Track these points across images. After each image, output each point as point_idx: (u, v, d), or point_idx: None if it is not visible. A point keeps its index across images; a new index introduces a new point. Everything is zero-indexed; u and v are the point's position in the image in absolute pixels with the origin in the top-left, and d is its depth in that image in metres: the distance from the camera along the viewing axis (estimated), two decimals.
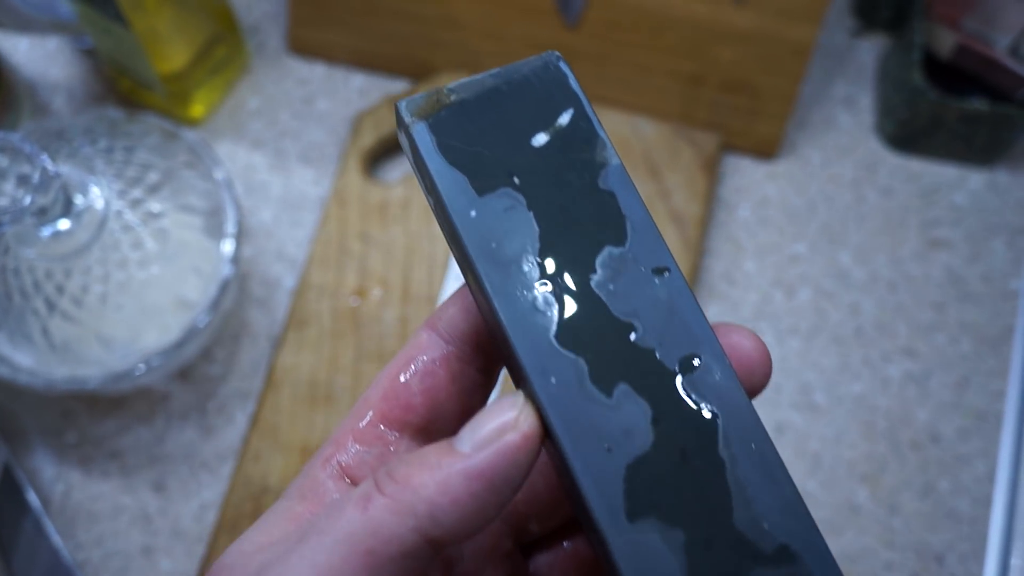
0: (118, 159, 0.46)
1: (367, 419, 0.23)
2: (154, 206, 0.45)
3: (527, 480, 0.20)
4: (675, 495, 0.20)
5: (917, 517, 0.49)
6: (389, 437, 0.23)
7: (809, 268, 0.54)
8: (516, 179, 0.21)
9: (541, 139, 0.22)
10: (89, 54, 0.58)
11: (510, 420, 0.20)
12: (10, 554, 0.47)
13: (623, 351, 0.20)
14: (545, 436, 0.20)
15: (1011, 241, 0.54)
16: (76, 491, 0.49)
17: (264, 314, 0.52)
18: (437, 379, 0.23)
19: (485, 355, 0.23)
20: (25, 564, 0.47)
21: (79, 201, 0.42)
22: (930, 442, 0.50)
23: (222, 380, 0.51)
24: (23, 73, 0.57)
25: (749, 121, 0.55)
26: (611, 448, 0.20)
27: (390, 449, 0.22)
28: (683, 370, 0.20)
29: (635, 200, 0.22)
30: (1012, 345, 0.52)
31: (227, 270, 0.46)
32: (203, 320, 0.45)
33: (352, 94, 0.57)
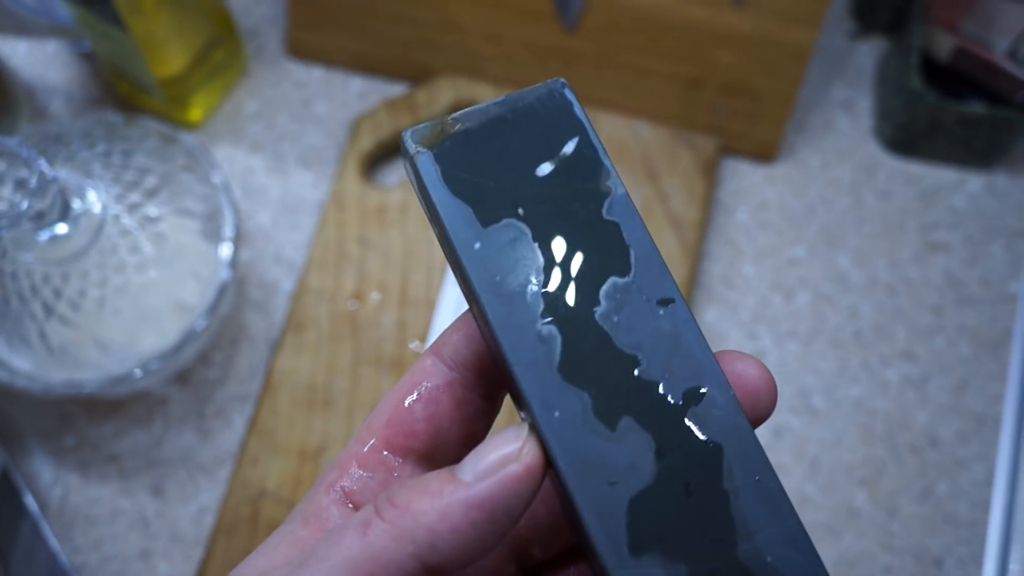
0: (116, 163, 0.46)
1: (370, 444, 0.23)
2: (152, 210, 0.45)
3: (529, 508, 0.20)
4: (678, 528, 0.20)
5: (916, 521, 0.49)
6: (392, 463, 0.23)
7: (808, 271, 0.54)
8: (520, 210, 0.21)
9: (546, 168, 0.22)
10: (87, 58, 0.58)
11: (513, 451, 0.20)
12: (8, 558, 0.47)
13: (627, 384, 0.20)
14: (548, 467, 0.20)
15: (1010, 244, 0.54)
16: (74, 495, 0.49)
17: (262, 318, 0.52)
18: (440, 406, 0.23)
19: (489, 381, 0.23)
20: (23, 568, 0.47)
21: (76, 205, 0.42)
22: (929, 446, 0.50)
23: (220, 384, 0.51)
24: (21, 76, 0.57)
25: (748, 124, 0.55)
26: (614, 482, 0.20)
27: (393, 475, 0.23)
28: (687, 403, 0.20)
29: (640, 229, 0.22)
30: (1011, 348, 0.52)
31: (225, 274, 0.46)
32: (201, 324, 0.45)
33: (351, 97, 0.57)
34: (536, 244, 0.21)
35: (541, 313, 0.21)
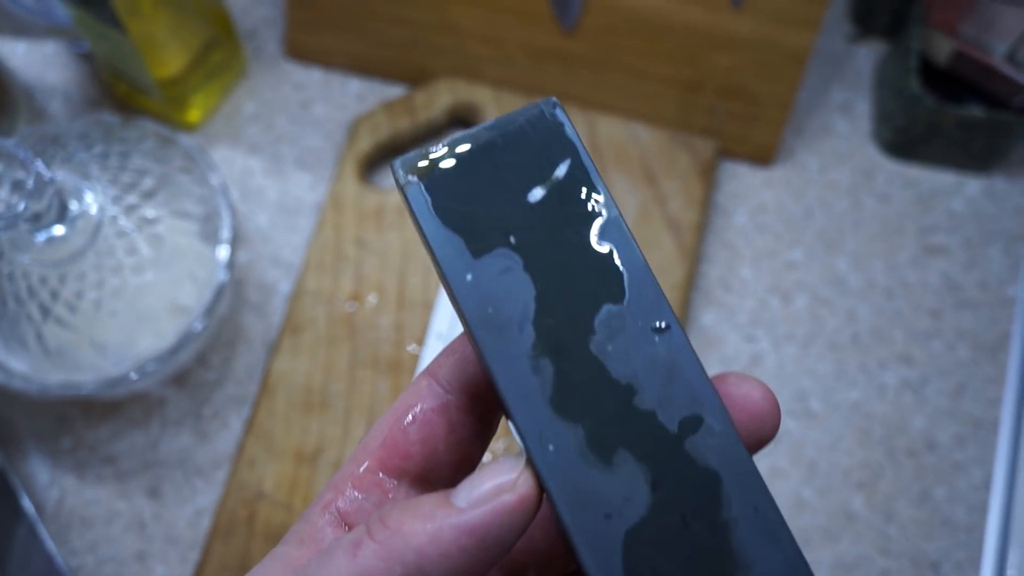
0: (113, 164, 0.46)
1: (366, 465, 0.23)
2: (149, 212, 0.45)
3: (524, 535, 0.20)
4: (674, 561, 0.20)
5: (913, 524, 0.49)
6: (387, 484, 0.23)
7: (806, 275, 0.53)
8: (512, 238, 0.21)
9: (538, 194, 0.22)
10: (86, 58, 0.58)
11: (508, 481, 0.20)
12: (4, 560, 0.47)
13: (622, 414, 0.20)
14: (543, 497, 0.20)
15: (1008, 248, 0.54)
16: (70, 496, 0.49)
17: (259, 319, 0.52)
18: (435, 429, 0.23)
19: (484, 404, 0.23)
20: (19, 570, 0.47)
21: (74, 207, 0.42)
22: (926, 449, 0.50)
23: (217, 385, 0.51)
24: (20, 77, 0.57)
25: (746, 127, 0.55)
26: (610, 514, 0.20)
27: (388, 496, 0.23)
28: (684, 432, 0.20)
29: (633, 253, 0.21)
30: (1008, 352, 0.52)
31: (222, 276, 0.46)
32: (198, 326, 0.45)
33: (349, 99, 0.57)
34: (528, 274, 0.21)
35: (534, 344, 0.20)
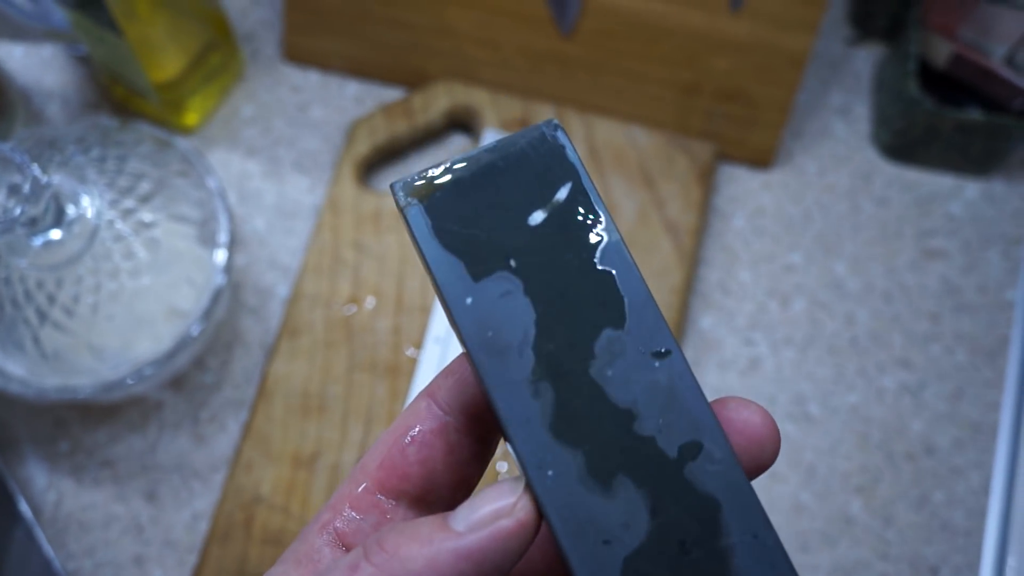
0: (110, 168, 0.46)
1: (364, 486, 0.23)
2: (146, 215, 0.45)
3: (521, 559, 0.20)
4: None
5: (912, 529, 0.49)
6: (385, 505, 0.23)
7: (804, 278, 0.53)
8: (513, 262, 0.21)
9: (538, 217, 0.22)
10: (83, 62, 0.58)
11: (507, 506, 0.20)
12: (1, 564, 0.47)
13: (621, 440, 0.20)
14: (542, 521, 0.20)
15: (1007, 251, 0.54)
16: (68, 500, 0.49)
17: (257, 323, 0.52)
18: (434, 450, 0.22)
19: (483, 426, 0.23)
20: (17, 574, 0.47)
21: (71, 211, 0.42)
22: (925, 453, 0.50)
23: (215, 389, 0.51)
24: (17, 80, 0.57)
25: (744, 130, 0.55)
26: (609, 540, 0.20)
27: (386, 517, 0.23)
28: (683, 458, 0.20)
29: (634, 277, 0.21)
30: (1007, 356, 0.52)
31: (220, 279, 0.46)
32: (196, 329, 0.45)
33: (347, 102, 0.57)
34: (528, 297, 0.21)
35: (533, 369, 0.20)
